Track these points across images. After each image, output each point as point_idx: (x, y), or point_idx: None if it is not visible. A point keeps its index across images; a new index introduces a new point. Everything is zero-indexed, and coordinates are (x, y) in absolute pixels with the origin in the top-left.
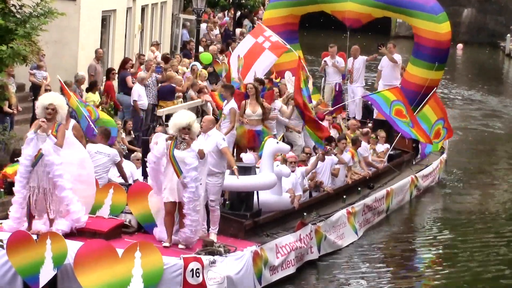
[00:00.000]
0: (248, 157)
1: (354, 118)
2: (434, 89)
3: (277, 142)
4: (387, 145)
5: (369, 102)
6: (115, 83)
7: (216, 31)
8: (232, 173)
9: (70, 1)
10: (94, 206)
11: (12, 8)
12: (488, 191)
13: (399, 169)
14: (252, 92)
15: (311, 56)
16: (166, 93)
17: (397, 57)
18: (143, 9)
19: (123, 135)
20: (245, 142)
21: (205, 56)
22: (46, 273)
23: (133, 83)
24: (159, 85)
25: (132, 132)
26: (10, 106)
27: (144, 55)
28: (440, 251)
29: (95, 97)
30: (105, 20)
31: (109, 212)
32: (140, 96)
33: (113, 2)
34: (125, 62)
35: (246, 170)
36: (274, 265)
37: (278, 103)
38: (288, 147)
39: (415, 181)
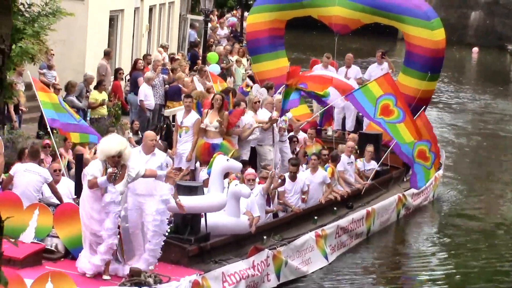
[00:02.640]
0: (204, 175)
1: (342, 130)
2: (423, 107)
3: (227, 160)
4: (373, 163)
5: (360, 114)
6: (122, 83)
7: (223, 31)
8: (180, 191)
9: (78, 1)
10: (17, 228)
11: (21, 7)
12: (491, 206)
13: (386, 187)
14: (217, 104)
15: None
16: (173, 94)
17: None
18: (150, 9)
19: (130, 134)
20: (199, 156)
21: (212, 55)
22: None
23: None
24: (167, 85)
25: (139, 132)
26: (18, 105)
27: (150, 55)
28: (425, 277)
29: (101, 96)
30: (113, 20)
31: (33, 235)
32: (147, 96)
33: (121, 2)
34: (136, 62)
35: (192, 190)
36: None
37: (248, 118)
38: (240, 165)
39: (403, 200)
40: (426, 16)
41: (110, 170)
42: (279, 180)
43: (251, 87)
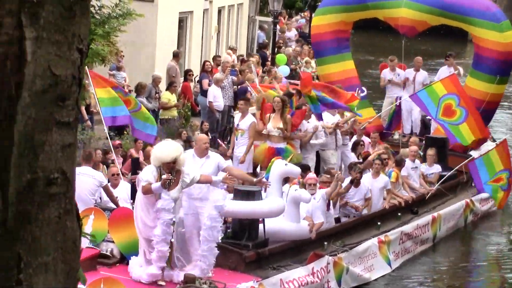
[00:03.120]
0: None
1: (410, 134)
2: (503, 138)
3: (286, 164)
4: (436, 167)
5: (427, 118)
6: (192, 84)
7: (292, 33)
8: (238, 196)
9: (148, 2)
10: None
11: (92, 9)
12: None
13: (453, 192)
14: (278, 107)
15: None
16: (243, 95)
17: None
18: (219, 11)
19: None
20: (263, 160)
21: (280, 57)
22: None
23: (209, 85)
24: (236, 87)
25: (208, 133)
26: (89, 106)
27: (220, 57)
28: (494, 287)
29: (172, 97)
30: (182, 22)
31: (88, 240)
32: (216, 97)
33: (190, 3)
34: (204, 64)
35: (250, 195)
36: None
37: (312, 123)
38: (299, 170)
39: (470, 205)
40: (495, 18)
41: (164, 176)
42: (343, 184)
43: None
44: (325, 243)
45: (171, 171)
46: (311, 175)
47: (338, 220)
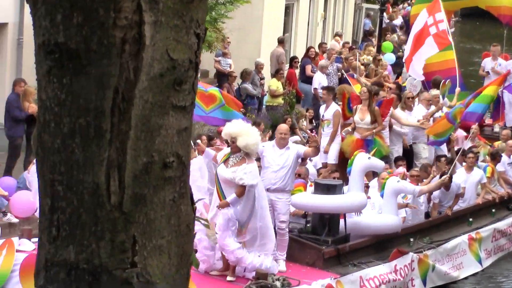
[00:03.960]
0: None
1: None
2: None
3: (369, 157)
4: None
5: None
6: (297, 71)
7: (398, 21)
8: (318, 190)
9: None
10: None
11: None
12: None
13: None
14: (364, 97)
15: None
16: (349, 82)
17: None
18: None
19: (305, 123)
20: (350, 152)
21: (387, 45)
22: None
23: (313, 72)
24: (341, 74)
25: (313, 120)
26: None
27: (326, 44)
28: None
29: (278, 84)
30: (288, 9)
31: None
32: (321, 84)
33: None
34: (308, 50)
35: (330, 189)
36: None
37: (399, 112)
38: (382, 163)
39: None
40: None
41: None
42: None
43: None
44: (411, 239)
45: (232, 149)
46: (400, 169)
47: (427, 216)
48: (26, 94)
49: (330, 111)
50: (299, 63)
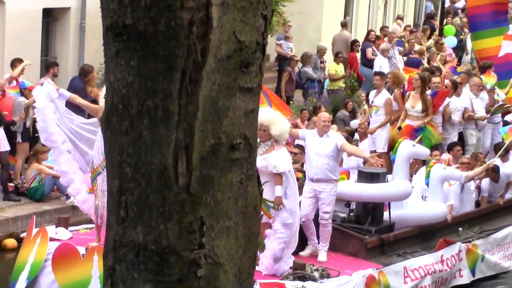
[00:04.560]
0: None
1: None
2: None
3: (414, 145)
4: None
5: None
6: (358, 55)
7: (460, 3)
8: (361, 178)
9: None
10: None
11: None
12: None
13: None
14: (416, 84)
15: None
16: (412, 65)
17: None
18: None
19: (365, 106)
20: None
21: (448, 28)
22: None
23: (374, 55)
24: (405, 57)
25: None
26: None
27: (387, 27)
28: None
29: (337, 68)
30: None
31: None
32: (382, 67)
33: None
34: (368, 33)
35: (374, 177)
36: None
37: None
38: (427, 151)
39: None
40: None
41: None
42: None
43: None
44: (460, 228)
45: (263, 138)
46: (445, 156)
47: (478, 204)
48: (88, 79)
49: (380, 98)
50: (360, 47)
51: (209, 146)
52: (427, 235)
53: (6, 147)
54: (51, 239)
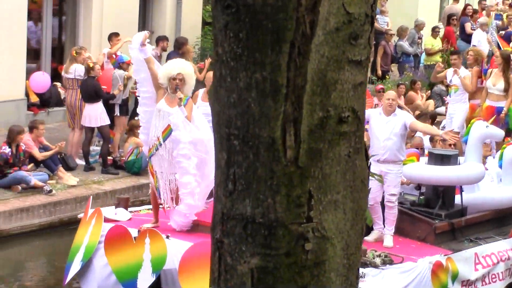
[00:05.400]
0: None
1: None
2: None
3: (487, 126)
4: None
5: None
6: (455, 29)
7: None
8: (432, 160)
9: None
10: None
11: None
12: None
13: None
14: (498, 62)
15: None
16: (508, 40)
17: None
18: None
19: None
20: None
21: None
22: (144, 280)
23: (472, 29)
24: (501, 32)
25: None
26: None
27: (485, 1)
28: None
29: (435, 42)
30: None
31: None
32: (480, 42)
33: None
34: (465, 8)
35: (445, 159)
36: (468, 279)
37: None
38: (502, 132)
39: None
40: None
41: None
42: None
43: None
44: None
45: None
46: None
47: None
48: (183, 52)
49: (458, 78)
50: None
51: (317, 119)
52: (502, 220)
53: (106, 121)
54: (107, 220)
